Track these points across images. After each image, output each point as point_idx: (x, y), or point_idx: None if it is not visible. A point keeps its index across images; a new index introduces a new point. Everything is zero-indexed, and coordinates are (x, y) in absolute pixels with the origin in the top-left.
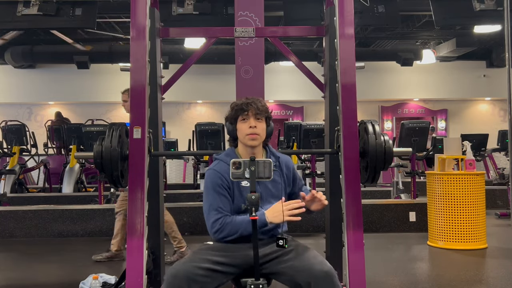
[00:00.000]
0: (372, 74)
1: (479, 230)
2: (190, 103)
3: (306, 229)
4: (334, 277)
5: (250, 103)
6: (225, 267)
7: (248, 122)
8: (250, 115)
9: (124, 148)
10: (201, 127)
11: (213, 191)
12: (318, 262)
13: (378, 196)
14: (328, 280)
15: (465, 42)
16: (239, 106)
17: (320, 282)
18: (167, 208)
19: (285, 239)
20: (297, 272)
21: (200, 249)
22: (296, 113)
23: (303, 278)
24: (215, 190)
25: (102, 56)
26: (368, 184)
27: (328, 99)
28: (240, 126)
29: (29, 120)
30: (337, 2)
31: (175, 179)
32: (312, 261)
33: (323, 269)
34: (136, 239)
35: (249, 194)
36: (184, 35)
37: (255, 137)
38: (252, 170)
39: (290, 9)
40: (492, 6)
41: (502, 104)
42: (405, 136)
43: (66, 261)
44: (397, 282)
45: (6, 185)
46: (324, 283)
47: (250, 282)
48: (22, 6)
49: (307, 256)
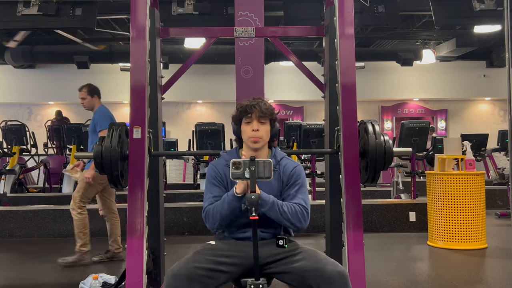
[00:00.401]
0: (372, 74)
1: (479, 230)
2: (190, 103)
3: (306, 229)
4: (347, 278)
5: (254, 105)
6: (227, 267)
7: (251, 125)
8: (253, 117)
9: (124, 148)
10: (201, 127)
11: (208, 183)
12: (331, 263)
13: (378, 196)
14: (342, 281)
15: (465, 42)
16: (243, 108)
17: (334, 283)
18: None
19: (285, 238)
20: (307, 272)
21: (203, 249)
22: (296, 113)
23: (314, 279)
24: (209, 181)
25: (102, 56)
26: (368, 184)
27: (328, 99)
28: (244, 128)
29: (29, 120)
30: (337, 2)
31: (175, 179)
32: (324, 262)
33: (336, 269)
34: (136, 239)
35: (249, 194)
36: (184, 35)
37: (257, 140)
38: (252, 170)
39: (290, 9)
40: (492, 6)
41: (502, 104)
42: (405, 136)
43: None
44: (397, 282)
45: (6, 185)
46: (338, 283)
47: (250, 282)
48: (22, 6)
49: (319, 257)
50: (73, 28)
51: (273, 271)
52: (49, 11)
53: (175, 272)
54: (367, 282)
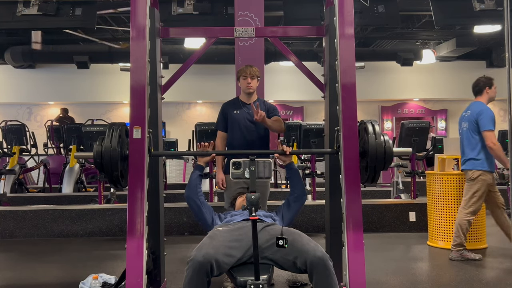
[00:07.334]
0: (372, 74)
1: (479, 230)
2: (190, 103)
3: (306, 229)
4: (328, 262)
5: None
6: (237, 251)
7: (247, 80)
8: (247, 75)
9: (124, 148)
10: (201, 127)
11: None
12: (312, 249)
13: (378, 196)
14: (323, 264)
15: (465, 42)
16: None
17: (316, 267)
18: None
19: (285, 239)
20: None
21: (214, 234)
22: (296, 113)
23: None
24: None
25: (102, 56)
26: (368, 184)
27: (328, 99)
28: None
29: (29, 120)
30: (337, 2)
31: (175, 179)
32: (306, 247)
33: (316, 254)
34: (136, 239)
35: (249, 194)
36: (184, 35)
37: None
38: (252, 170)
39: (290, 9)
40: (492, 6)
41: (502, 104)
42: (405, 136)
43: (66, 261)
44: (397, 282)
45: (6, 185)
46: (320, 267)
47: (250, 282)
48: (22, 6)
49: (302, 242)
50: (73, 28)
51: (270, 257)
52: (49, 11)
53: (198, 259)
54: (367, 282)
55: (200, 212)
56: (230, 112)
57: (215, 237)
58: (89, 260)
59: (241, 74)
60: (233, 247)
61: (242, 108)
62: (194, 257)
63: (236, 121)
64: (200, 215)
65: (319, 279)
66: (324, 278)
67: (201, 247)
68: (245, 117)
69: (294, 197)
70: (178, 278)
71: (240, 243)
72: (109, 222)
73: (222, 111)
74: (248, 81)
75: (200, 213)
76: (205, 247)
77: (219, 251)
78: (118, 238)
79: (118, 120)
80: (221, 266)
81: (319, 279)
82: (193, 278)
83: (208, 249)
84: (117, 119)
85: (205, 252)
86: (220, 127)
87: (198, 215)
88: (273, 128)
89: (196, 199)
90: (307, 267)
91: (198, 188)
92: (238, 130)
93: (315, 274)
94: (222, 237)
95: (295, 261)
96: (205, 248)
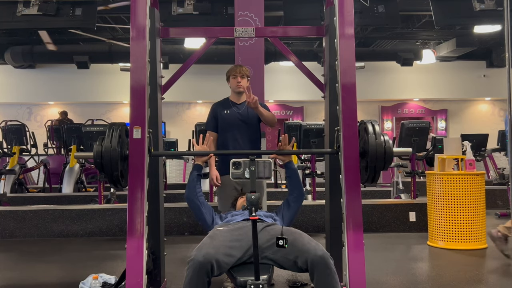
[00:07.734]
0: (372, 74)
1: (479, 230)
2: (190, 103)
3: (306, 229)
4: (329, 260)
5: (236, 68)
6: (237, 251)
7: (237, 79)
8: (237, 75)
9: (124, 148)
10: (201, 127)
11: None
12: (313, 248)
13: (378, 196)
14: (324, 263)
15: (465, 42)
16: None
17: (317, 266)
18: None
19: (285, 239)
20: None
21: (215, 234)
22: (296, 113)
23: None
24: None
25: (102, 56)
26: (368, 184)
27: (328, 99)
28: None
29: (29, 120)
30: (337, 2)
31: (175, 179)
32: (307, 247)
33: (317, 253)
34: (136, 239)
35: (249, 194)
36: (184, 35)
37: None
38: (252, 170)
39: (290, 9)
40: (492, 6)
41: (502, 104)
42: (405, 136)
43: (66, 261)
44: (397, 282)
45: (6, 185)
46: (321, 266)
47: (250, 282)
48: (22, 6)
49: (303, 241)
50: (73, 28)
51: (271, 257)
52: (49, 11)
53: (198, 257)
54: (367, 282)
55: (200, 213)
56: (220, 112)
57: (216, 237)
58: (89, 260)
59: (231, 73)
60: (233, 247)
61: (232, 108)
62: (195, 257)
63: (227, 121)
64: (200, 216)
65: (320, 278)
66: (325, 277)
67: (201, 247)
68: (236, 117)
69: (294, 197)
70: (178, 278)
71: (240, 243)
72: (109, 222)
73: (212, 111)
74: (238, 80)
75: (200, 214)
76: (205, 247)
77: (220, 251)
78: (118, 238)
79: (118, 120)
80: (221, 266)
81: (320, 278)
82: (193, 278)
83: (209, 249)
84: (117, 119)
85: (206, 252)
86: (209, 127)
87: (198, 215)
88: (264, 116)
89: (196, 200)
90: (308, 266)
91: (197, 188)
92: (230, 130)
93: (316, 273)
94: (222, 237)
95: (296, 261)
96: (205, 248)
